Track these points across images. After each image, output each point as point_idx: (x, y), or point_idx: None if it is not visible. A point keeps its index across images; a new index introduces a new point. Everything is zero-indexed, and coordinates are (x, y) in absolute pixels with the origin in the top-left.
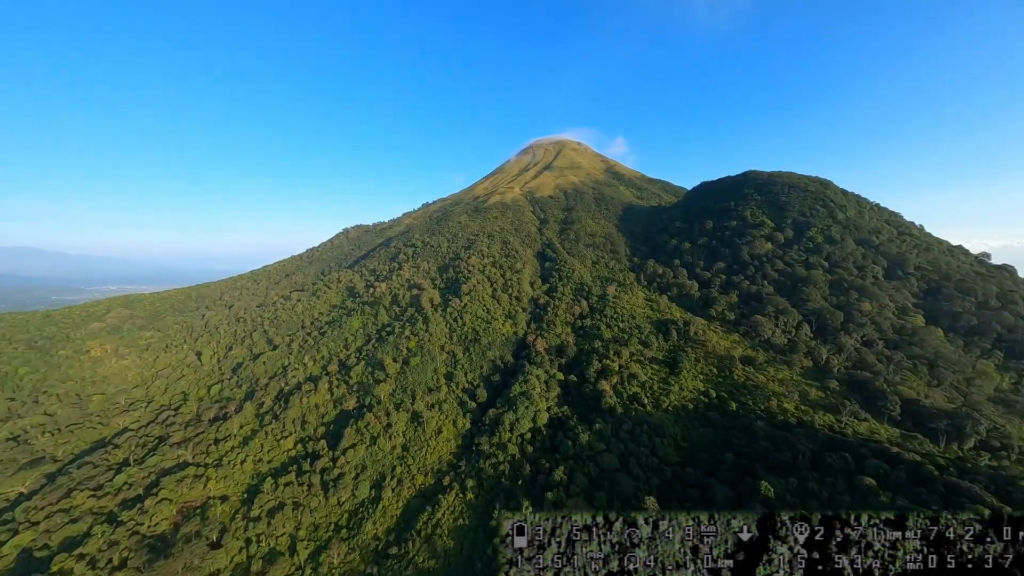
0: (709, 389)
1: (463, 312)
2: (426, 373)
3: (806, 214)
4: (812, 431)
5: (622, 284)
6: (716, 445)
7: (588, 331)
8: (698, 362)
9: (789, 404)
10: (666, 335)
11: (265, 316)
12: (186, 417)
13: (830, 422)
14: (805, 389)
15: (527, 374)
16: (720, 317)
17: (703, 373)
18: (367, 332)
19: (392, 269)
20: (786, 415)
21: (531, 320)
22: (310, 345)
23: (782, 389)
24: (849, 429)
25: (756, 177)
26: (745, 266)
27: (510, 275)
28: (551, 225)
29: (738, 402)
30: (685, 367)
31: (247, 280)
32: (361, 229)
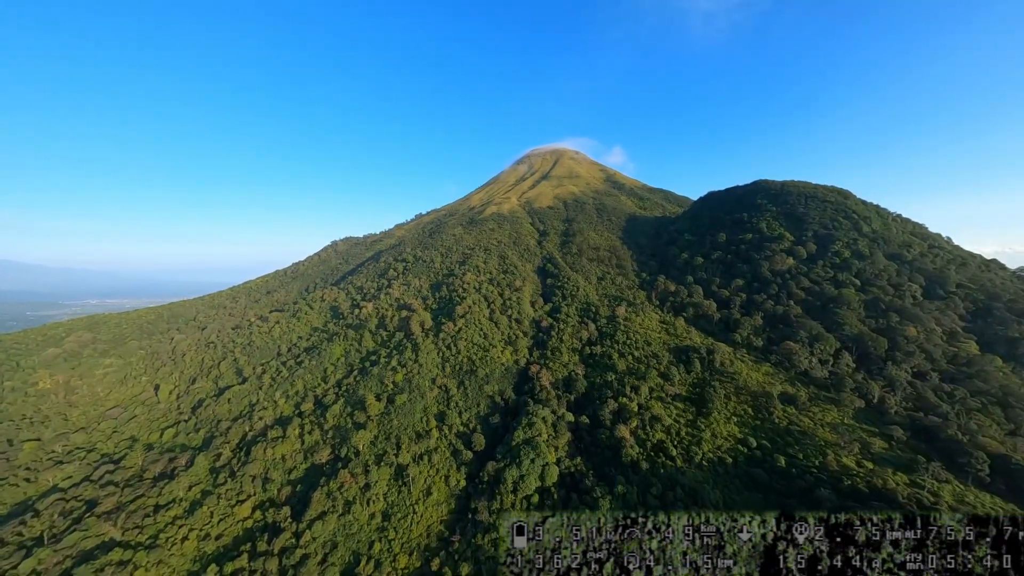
0: (747, 436)
1: (457, 338)
2: (414, 414)
3: (828, 226)
4: (892, 501)
5: (632, 304)
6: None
7: (599, 360)
8: (729, 400)
9: (849, 459)
10: (688, 365)
11: (238, 341)
12: (127, 473)
13: (908, 487)
14: (864, 438)
15: (531, 415)
16: (746, 343)
17: (737, 414)
18: (349, 361)
19: (380, 287)
20: (852, 478)
21: (533, 346)
22: (284, 377)
23: (836, 437)
24: (930, 496)
25: (768, 187)
26: (766, 283)
27: (509, 294)
28: (551, 238)
29: (786, 455)
30: (715, 406)
31: (225, 298)
32: (351, 242)
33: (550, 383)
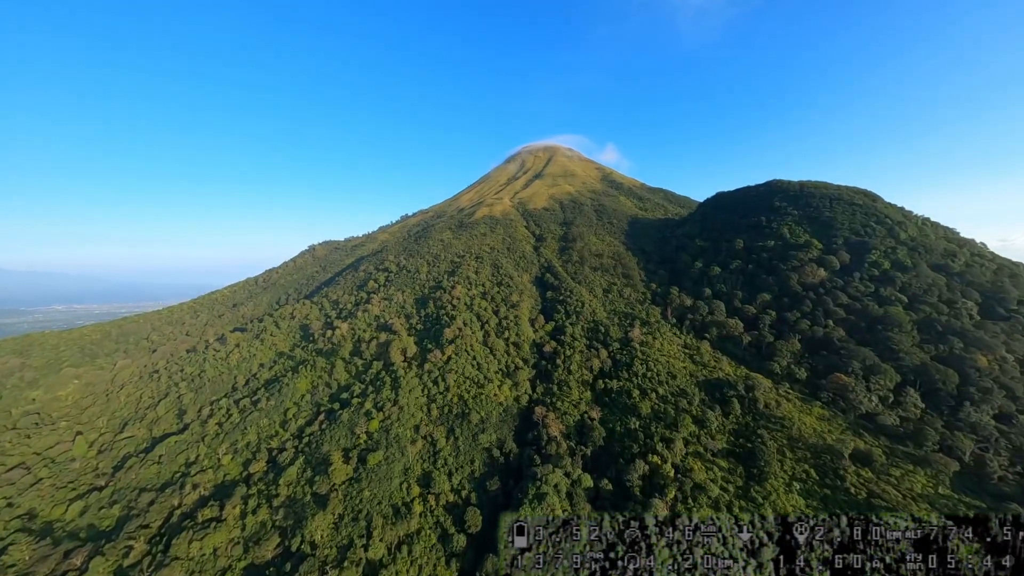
0: (818, 513)
1: (446, 370)
2: (391, 479)
3: (859, 232)
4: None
5: (646, 323)
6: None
7: (616, 399)
8: (784, 457)
9: (967, 550)
10: (724, 405)
11: (188, 371)
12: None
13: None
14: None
15: (540, 481)
16: (786, 374)
17: (798, 478)
18: (316, 399)
19: (359, 301)
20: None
21: (536, 378)
22: (234, 423)
23: (939, 520)
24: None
25: (785, 187)
26: (797, 299)
27: (505, 311)
28: (549, 243)
29: None
30: (770, 468)
31: (185, 311)
32: (330, 246)
33: (560, 432)
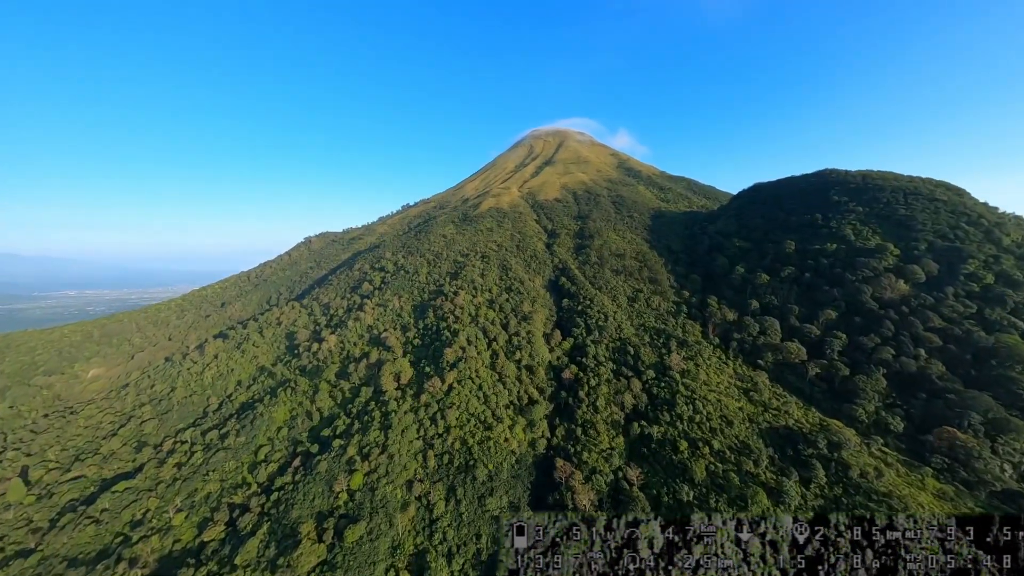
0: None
1: (446, 404)
2: (375, 566)
3: (947, 235)
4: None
5: (683, 342)
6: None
7: (658, 452)
8: None
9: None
10: (802, 468)
11: (158, 388)
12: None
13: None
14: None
15: None
16: (875, 422)
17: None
18: (293, 435)
19: (351, 306)
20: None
21: (555, 414)
22: (196, 465)
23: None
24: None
25: (843, 178)
26: (874, 319)
27: (516, 324)
28: (563, 240)
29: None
30: None
31: (172, 311)
32: (327, 238)
33: (591, 501)
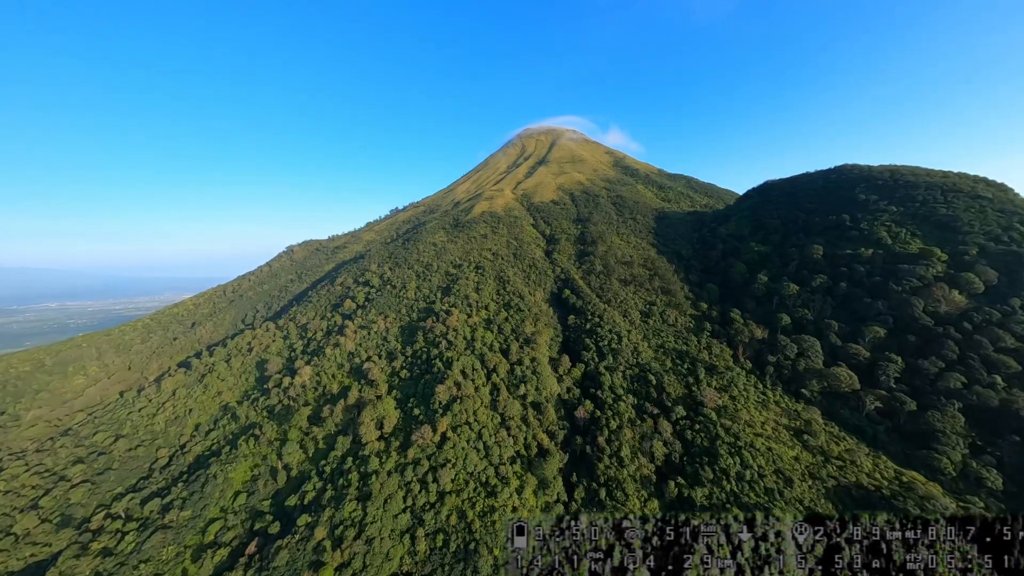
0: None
1: (438, 462)
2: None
3: (1001, 238)
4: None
5: (713, 368)
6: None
7: (699, 530)
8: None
9: None
10: None
11: (99, 437)
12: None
13: None
14: None
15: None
16: (963, 474)
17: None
18: (252, 505)
19: (331, 329)
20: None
21: (570, 467)
22: (124, 555)
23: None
24: None
25: (866, 174)
26: (930, 337)
27: (518, 350)
28: (563, 246)
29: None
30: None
31: (138, 333)
32: (310, 247)
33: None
